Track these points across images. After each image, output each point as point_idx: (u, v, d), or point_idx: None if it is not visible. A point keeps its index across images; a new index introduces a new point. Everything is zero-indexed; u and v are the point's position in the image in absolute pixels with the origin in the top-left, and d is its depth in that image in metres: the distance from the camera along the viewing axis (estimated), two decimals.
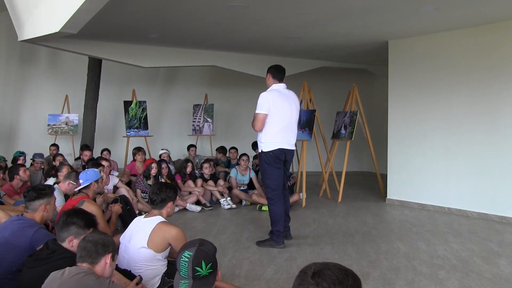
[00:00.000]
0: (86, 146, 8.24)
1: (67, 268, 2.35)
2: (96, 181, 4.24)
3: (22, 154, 7.35)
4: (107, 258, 2.40)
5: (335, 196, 7.90)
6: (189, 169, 7.25)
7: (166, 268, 3.18)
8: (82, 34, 6.30)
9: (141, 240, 3.08)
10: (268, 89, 4.75)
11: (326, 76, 11.39)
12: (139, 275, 2.86)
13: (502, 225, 5.90)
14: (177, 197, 6.63)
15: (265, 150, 4.68)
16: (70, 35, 5.93)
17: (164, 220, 3.20)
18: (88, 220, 2.84)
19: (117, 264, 2.83)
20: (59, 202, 4.31)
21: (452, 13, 5.72)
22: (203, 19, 6.16)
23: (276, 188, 4.73)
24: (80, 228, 2.75)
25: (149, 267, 3.07)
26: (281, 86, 4.78)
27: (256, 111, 4.63)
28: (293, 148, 4.85)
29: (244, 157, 7.45)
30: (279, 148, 4.67)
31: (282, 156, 4.72)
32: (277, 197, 4.73)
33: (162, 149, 8.29)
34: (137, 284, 2.72)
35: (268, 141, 4.67)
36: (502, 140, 6.14)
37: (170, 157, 8.23)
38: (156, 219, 3.18)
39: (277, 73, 4.79)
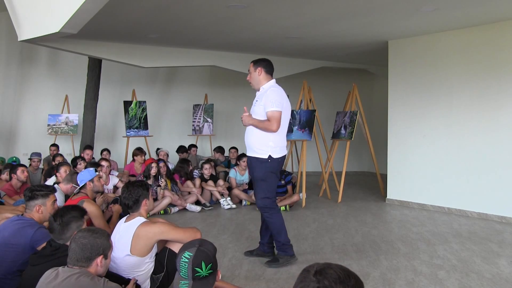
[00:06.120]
0: (88, 146, 8.25)
1: (60, 268, 2.33)
2: (91, 180, 4.24)
3: (15, 162, 7.30)
4: (98, 260, 2.38)
5: (335, 196, 7.90)
6: (190, 168, 7.27)
7: (153, 266, 3.12)
8: (82, 34, 6.30)
9: (124, 248, 2.97)
10: (272, 84, 4.13)
11: (326, 76, 11.39)
12: (134, 277, 2.85)
13: (502, 225, 5.90)
14: (179, 196, 6.69)
15: (275, 156, 4.04)
16: (70, 35, 5.93)
17: (144, 220, 3.07)
18: (79, 210, 2.92)
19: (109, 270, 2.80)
20: (59, 202, 4.31)
21: (452, 13, 5.72)
22: (203, 19, 6.16)
23: (273, 196, 4.18)
24: (79, 220, 2.82)
25: (139, 273, 3.01)
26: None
27: (273, 108, 3.94)
28: None
29: (244, 158, 7.44)
30: (285, 155, 4.16)
31: (283, 163, 4.22)
32: (275, 204, 4.20)
33: (160, 148, 8.31)
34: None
35: (280, 145, 4.07)
36: (502, 140, 6.14)
37: (167, 155, 8.24)
38: (135, 222, 3.05)
39: (270, 68, 4.18)
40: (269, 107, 3.96)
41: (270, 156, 4.04)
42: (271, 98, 3.97)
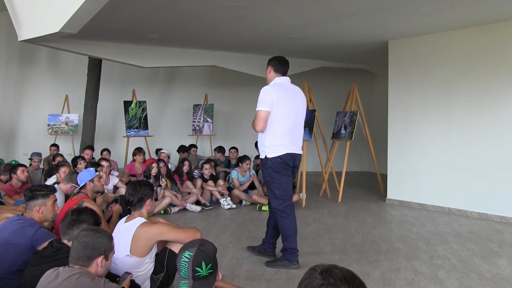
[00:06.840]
0: (89, 146, 8.25)
1: (60, 268, 2.33)
2: (92, 180, 4.24)
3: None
4: (98, 261, 2.37)
5: (335, 196, 7.90)
6: (185, 168, 7.25)
7: (153, 267, 3.12)
8: (82, 34, 6.29)
9: (124, 248, 2.96)
10: (271, 83, 4.10)
11: (326, 76, 11.39)
12: (128, 272, 2.83)
13: (502, 225, 5.91)
14: (178, 196, 6.69)
15: (270, 156, 3.99)
16: (70, 35, 5.92)
17: (144, 220, 3.07)
18: (96, 218, 2.92)
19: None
20: (59, 202, 4.31)
21: (452, 13, 5.72)
22: (203, 19, 6.16)
23: (287, 199, 4.09)
24: (91, 225, 2.79)
25: (138, 273, 3.00)
26: (286, 79, 4.14)
27: (257, 108, 3.93)
28: (301, 152, 4.19)
29: (247, 161, 7.42)
30: (288, 153, 4.00)
31: (291, 162, 4.06)
32: (289, 209, 4.08)
33: (162, 150, 8.30)
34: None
35: (274, 145, 3.99)
36: (502, 140, 6.14)
37: (169, 157, 8.24)
38: (136, 223, 3.04)
39: (280, 66, 4.15)
40: (257, 107, 3.97)
41: (266, 156, 4.06)
42: (259, 98, 3.97)
